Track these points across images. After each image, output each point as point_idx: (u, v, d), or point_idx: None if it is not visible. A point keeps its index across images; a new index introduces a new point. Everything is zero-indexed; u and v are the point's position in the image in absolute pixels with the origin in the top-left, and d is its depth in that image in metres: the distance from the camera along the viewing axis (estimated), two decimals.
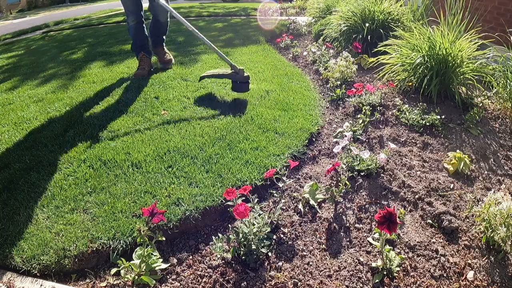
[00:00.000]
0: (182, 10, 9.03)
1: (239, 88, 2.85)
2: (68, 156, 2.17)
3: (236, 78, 2.81)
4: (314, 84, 3.33)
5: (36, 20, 11.57)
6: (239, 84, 2.82)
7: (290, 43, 4.61)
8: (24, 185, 1.92)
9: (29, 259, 1.48)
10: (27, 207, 1.76)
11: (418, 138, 2.32)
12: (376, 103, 2.66)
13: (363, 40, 3.74)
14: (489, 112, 2.65)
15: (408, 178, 1.94)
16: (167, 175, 1.95)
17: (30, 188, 1.90)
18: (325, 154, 2.23)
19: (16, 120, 2.69)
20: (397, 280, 1.39)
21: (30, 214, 1.71)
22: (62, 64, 4.24)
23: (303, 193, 1.81)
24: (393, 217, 1.30)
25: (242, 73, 2.78)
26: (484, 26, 3.50)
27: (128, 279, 1.40)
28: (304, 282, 1.39)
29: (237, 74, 2.79)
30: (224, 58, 2.85)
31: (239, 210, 1.42)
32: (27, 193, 1.86)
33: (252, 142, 2.24)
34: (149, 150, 2.18)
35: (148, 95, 3.02)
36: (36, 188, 1.90)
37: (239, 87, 2.85)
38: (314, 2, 5.93)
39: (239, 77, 2.79)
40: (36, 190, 1.89)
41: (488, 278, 1.40)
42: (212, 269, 1.47)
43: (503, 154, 2.20)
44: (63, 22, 8.83)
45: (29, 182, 1.94)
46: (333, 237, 1.61)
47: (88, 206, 1.75)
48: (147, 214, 1.41)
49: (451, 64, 2.68)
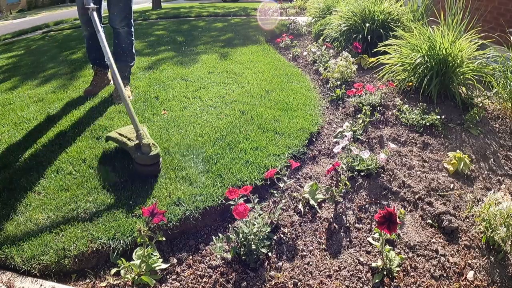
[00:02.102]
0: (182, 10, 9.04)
1: (139, 171, 1.92)
2: (68, 156, 2.16)
3: (135, 156, 1.89)
4: (314, 84, 3.33)
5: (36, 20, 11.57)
6: (137, 165, 1.90)
7: (290, 43, 4.61)
8: (24, 185, 1.92)
9: (29, 259, 1.48)
10: (27, 207, 1.76)
11: (418, 138, 2.32)
12: (376, 103, 2.66)
13: (363, 40, 3.74)
14: (489, 112, 2.65)
15: (408, 178, 1.94)
16: (167, 175, 1.95)
17: (30, 188, 1.90)
18: (325, 154, 2.23)
19: (16, 120, 2.68)
20: (397, 280, 1.39)
21: (30, 214, 1.71)
22: (62, 64, 4.23)
23: (303, 193, 1.81)
24: (393, 217, 1.30)
25: (146, 150, 1.87)
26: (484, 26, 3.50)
27: (128, 279, 1.40)
28: (304, 282, 1.39)
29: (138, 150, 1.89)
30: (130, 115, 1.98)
31: (239, 210, 1.42)
32: (27, 193, 1.86)
33: (252, 142, 2.24)
34: None
35: (148, 95, 3.02)
36: (36, 188, 1.90)
37: (139, 170, 1.92)
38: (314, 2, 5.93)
39: (139, 156, 1.87)
40: (36, 190, 1.89)
41: (488, 278, 1.40)
42: (212, 269, 1.47)
43: (503, 154, 2.20)
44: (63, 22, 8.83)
45: (29, 182, 1.94)
46: (333, 237, 1.61)
47: (88, 206, 1.75)
48: (147, 214, 1.41)
49: (451, 64, 2.68)
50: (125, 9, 2.88)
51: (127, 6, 2.89)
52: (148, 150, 1.87)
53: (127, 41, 3.02)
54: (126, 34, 2.97)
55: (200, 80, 3.37)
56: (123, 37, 2.98)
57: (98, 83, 3.18)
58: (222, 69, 3.69)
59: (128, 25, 2.96)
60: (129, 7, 2.91)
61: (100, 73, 3.20)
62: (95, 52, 3.13)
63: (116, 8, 2.82)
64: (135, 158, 1.89)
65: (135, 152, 1.89)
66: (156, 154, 1.89)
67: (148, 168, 1.91)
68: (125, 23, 2.92)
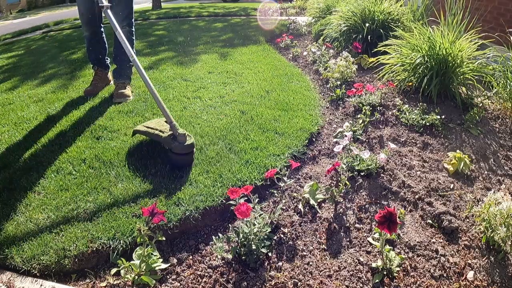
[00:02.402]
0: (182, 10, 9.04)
1: (174, 161, 1.98)
2: (68, 156, 2.17)
3: (171, 146, 1.95)
4: (314, 84, 3.33)
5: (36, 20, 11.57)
6: (173, 155, 1.96)
7: (290, 43, 4.61)
8: (24, 185, 1.92)
9: (29, 259, 1.48)
10: (27, 207, 1.76)
11: (418, 138, 2.32)
12: (376, 103, 2.67)
13: (363, 40, 3.74)
14: (489, 112, 2.65)
15: (408, 178, 1.94)
16: (167, 174, 1.95)
17: (30, 188, 1.90)
18: (325, 154, 2.23)
19: (16, 120, 2.68)
20: (397, 280, 1.39)
21: (30, 214, 1.71)
22: (62, 64, 4.23)
23: (303, 193, 1.81)
24: (393, 217, 1.30)
25: (182, 140, 1.93)
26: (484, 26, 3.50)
27: (128, 279, 1.40)
28: (304, 282, 1.39)
29: (174, 140, 1.95)
30: (162, 109, 2.02)
31: (241, 210, 1.42)
32: (27, 193, 1.86)
33: (252, 142, 2.24)
34: (149, 150, 2.18)
35: (148, 95, 3.01)
36: (36, 188, 1.90)
37: (174, 160, 1.98)
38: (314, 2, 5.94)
39: (176, 145, 1.94)
40: (36, 190, 1.89)
41: (488, 278, 1.40)
42: (212, 269, 1.47)
43: (503, 154, 2.20)
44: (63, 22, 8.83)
45: (29, 182, 1.94)
46: (333, 237, 1.61)
47: (88, 206, 1.75)
48: (147, 214, 1.41)
49: (451, 64, 2.68)
50: (126, 9, 2.88)
51: (128, 6, 2.89)
52: (184, 140, 1.94)
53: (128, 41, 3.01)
54: (127, 33, 2.97)
55: (200, 80, 3.37)
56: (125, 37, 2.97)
57: (98, 83, 3.18)
58: (222, 69, 3.69)
59: (129, 25, 2.96)
60: (131, 6, 2.92)
61: (101, 73, 3.20)
62: (95, 52, 3.13)
63: (118, 8, 2.82)
64: (172, 148, 1.94)
65: (171, 142, 1.94)
66: (192, 144, 1.96)
67: (184, 157, 1.97)
68: (126, 23, 2.92)
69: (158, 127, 2.10)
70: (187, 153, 1.96)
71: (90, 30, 3.00)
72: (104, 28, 3.16)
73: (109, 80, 3.30)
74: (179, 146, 1.93)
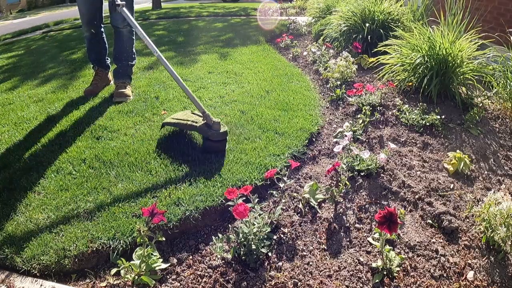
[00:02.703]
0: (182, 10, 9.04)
1: (209, 147, 2.12)
2: (68, 156, 2.17)
3: (207, 134, 2.09)
4: (314, 84, 3.33)
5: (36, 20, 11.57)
6: (209, 142, 2.11)
7: (290, 43, 4.61)
8: (24, 185, 1.92)
9: (29, 259, 1.48)
10: (27, 207, 1.76)
11: (418, 138, 2.32)
12: (376, 103, 2.66)
13: (363, 40, 3.74)
14: (489, 112, 2.65)
15: (408, 178, 1.94)
16: (167, 175, 1.95)
17: (30, 188, 1.90)
18: (325, 154, 2.23)
19: (16, 120, 2.69)
20: (397, 280, 1.39)
21: (30, 214, 1.71)
22: (62, 64, 4.24)
23: (303, 193, 1.81)
24: (394, 217, 1.30)
25: (217, 128, 2.08)
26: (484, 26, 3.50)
27: (128, 279, 1.40)
28: (304, 282, 1.39)
29: (209, 129, 2.08)
30: (194, 101, 2.15)
31: (239, 210, 1.42)
32: (27, 193, 1.86)
33: (252, 142, 2.24)
34: (149, 150, 2.18)
35: (148, 95, 3.02)
36: (36, 188, 1.90)
37: (209, 147, 2.12)
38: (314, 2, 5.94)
39: (210, 133, 2.08)
40: (36, 190, 1.89)
41: (488, 278, 1.40)
42: (212, 269, 1.47)
43: (503, 154, 2.21)
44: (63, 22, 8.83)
45: (29, 182, 1.94)
46: (333, 237, 1.61)
47: (88, 206, 1.75)
48: (147, 214, 1.41)
49: (451, 64, 2.68)
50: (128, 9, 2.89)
51: (130, 6, 2.90)
52: (219, 128, 2.08)
53: (129, 41, 3.03)
54: (128, 33, 2.99)
55: (200, 80, 3.37)
56: (126, 37, 2.99)
57: (99, 83, 3.18)
58: (222, 69, 3.69)
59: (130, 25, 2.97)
60: (132, 6, 2.93)
61: (101, 73, 3.20)
62: (95, 52, 3.13)
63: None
64: (209, 136, 2.08)
65: (208, 131, 2.09)
66: (226, 131, 2.11)
67: (219, 144, 2.12)
68: (127, 23, 2.93)
69: (189, 118, 2.24)
70: (222, 140, 2.11)
71: (91, 30, 3.00)
72: (104, 28, 3.16)
73: (109, 80, 3.31)
74: (215, 133, 2.07)
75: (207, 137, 2.10)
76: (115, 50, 3.03)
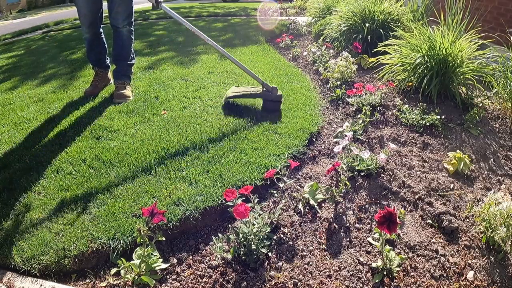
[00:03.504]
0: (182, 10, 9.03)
1: (270, 107, 2.66)
2: (68, 156, 2.17)
3: (269, 97, 2.64)
4: (314, 84, 3.33)
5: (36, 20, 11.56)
6: (269, 103, 2.65)
7: (290, 43, 4.61)
8: (24, 185, 1.92)
9: (29, 259, 1.48)
10: (27, 207, 1.76)
11: (418, 138, 2.32)
12: (376, 103, 2.66)
13: (363, 40, 3.74)
14: (489, 112, 2.65)
15: (408, 178, 1.94)
16: (167, 175, 1.95)
17: (30, 188, 1.90)
18: (325, 154, 2.23)
19: (16, 120, 2.69)
20: (397, 280, 1.39)
21: (30, 214, 1.71)
22: (62, 64, 4.24)
23: (303, 193, 1.81)
24: (393, 217, 1.30)
25: (275, 92, 2.61)
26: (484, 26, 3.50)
27: (128, 279, 1.40)
28: (304, 282, 1.39)
29: (270, 93, 2.62)
30: (254, 77, 2.64)
31: (239, 210, 1.42)
32: (27, 193, 1.86)
33: (252, 142, 2.24)
34: (149, 150, 2.18)
35: (148, 95, 3.02)
36: (36, 188, 1.90)
37: (270, 106, 2.66)
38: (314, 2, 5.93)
39: (272, 95, 2.61)
40: (36, 190, 1.89)
41: (488, 278, 1.40)
42: (212, 269, 1.47)
43: (503, 154, 2.21)
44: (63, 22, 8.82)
45: (29, 182, 1.94)
46: (333, 237, 1.61)
47: (88, 206, 1.75)
48: (147, 214, 1.41)
49: (451, 64, 2.68)
50: (128, 9, 2.91)
51: (129, 6, 2.91)
52: (277, 91, 2.62)
53: (128, 40, 3.04)
54: (127, 33, 2.99)
55: (200, 80, 3.37)
56: (125, 36, 2.99)
57: (99, 83, 3.18)
58: (222, 69, 3.69)
59: (130, 24, 2.98)
60: (131, 6, 2.94)
61: (101, 74, 3.20)
62: (95, 53, 3.14)
63: (119, 8, 2.84)
64: (273, 98, 2.62)
65: (269, 95, 2.63)
66: (281, 94, 2.64)
67: (277, 104, 2.65)
68: (127, 22, 2.94)
69: (247, 90, 2.75)
70: (279, 100, 2.64)
71: (91, 31, 3.00)
72: (104, 28, 3.16)
73: (109, 80, 3.31)
74: (275, 95, 2.61)
75: (269, 99, 2.63)
76: (115, 50, 3.03)
